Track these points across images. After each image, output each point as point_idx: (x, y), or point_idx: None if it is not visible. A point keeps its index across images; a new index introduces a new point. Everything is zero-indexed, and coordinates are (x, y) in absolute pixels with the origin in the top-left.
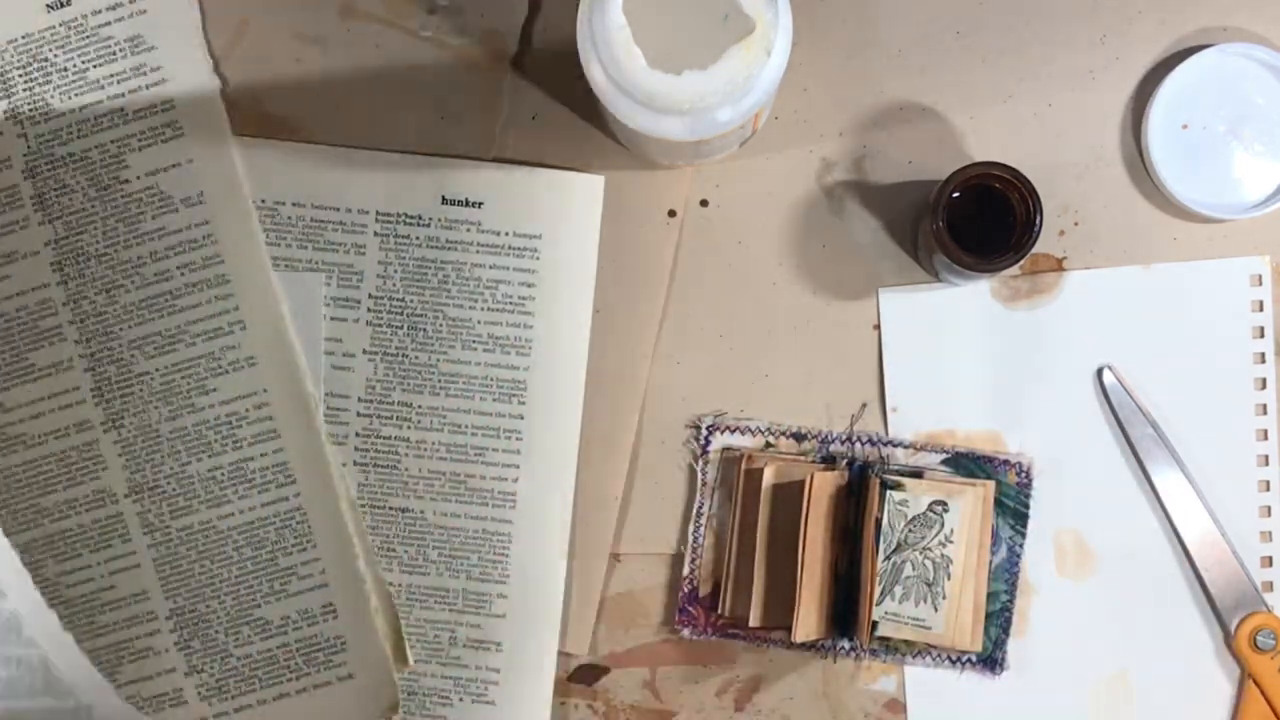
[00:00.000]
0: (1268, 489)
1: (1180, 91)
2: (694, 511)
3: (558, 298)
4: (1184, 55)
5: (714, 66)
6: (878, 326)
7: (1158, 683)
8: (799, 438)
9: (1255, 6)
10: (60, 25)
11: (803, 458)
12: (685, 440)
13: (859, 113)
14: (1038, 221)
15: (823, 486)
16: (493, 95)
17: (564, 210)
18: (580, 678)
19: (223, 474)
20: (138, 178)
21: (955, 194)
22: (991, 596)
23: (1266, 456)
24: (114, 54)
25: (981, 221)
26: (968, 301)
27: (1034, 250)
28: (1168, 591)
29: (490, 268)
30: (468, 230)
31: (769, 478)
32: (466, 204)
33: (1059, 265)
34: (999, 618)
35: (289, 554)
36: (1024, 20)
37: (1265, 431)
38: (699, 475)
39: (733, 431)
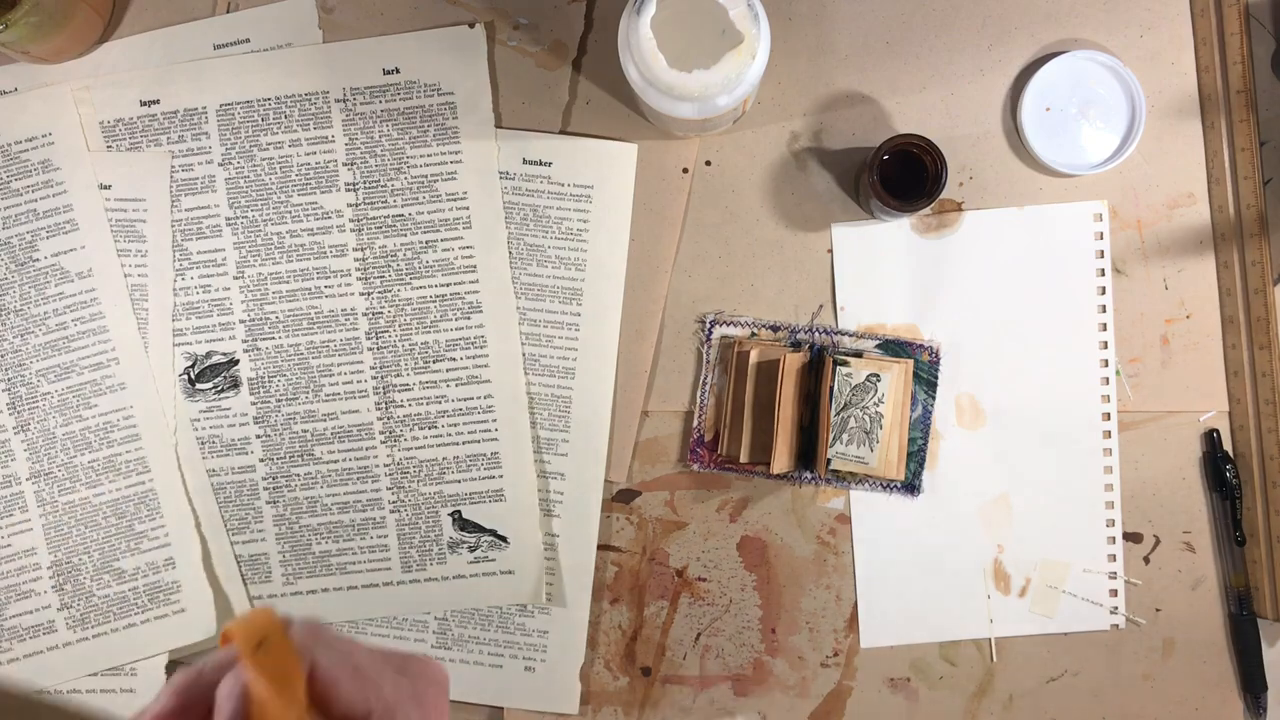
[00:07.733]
0: (1106, 366)
1: (1044, 84)
2: (701, 381)
3: (604, 229)
4: (1047, 58)
5: (715, 67)
6: (830, 250)
7: (1029, 503)
8: (775, 329)
9: (1097, 24)
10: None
11: (778, 343)
12: (695, 330)
13: (817, 99)
14: (944, 176)
15: (792, 364)
16: (559, 87)
17: (609, 168)
18: (620, 498)
19: (98, 464)
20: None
21: (885, 156)
22: (911, 441)
23: (1106, 342)
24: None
25: (904, 176)
26: (894, 232)
27: (941, 196)
28: (1034, 436)
29: (556, 209)
30: (541, 182)
31: (754, 357)
32: (540, 164)
33: (959, 207)
34: (916, 456)
35: (142, 522)
36: (934, 34)
37: (1104, 325)
38: (704, 355)
39: (728, 325)
